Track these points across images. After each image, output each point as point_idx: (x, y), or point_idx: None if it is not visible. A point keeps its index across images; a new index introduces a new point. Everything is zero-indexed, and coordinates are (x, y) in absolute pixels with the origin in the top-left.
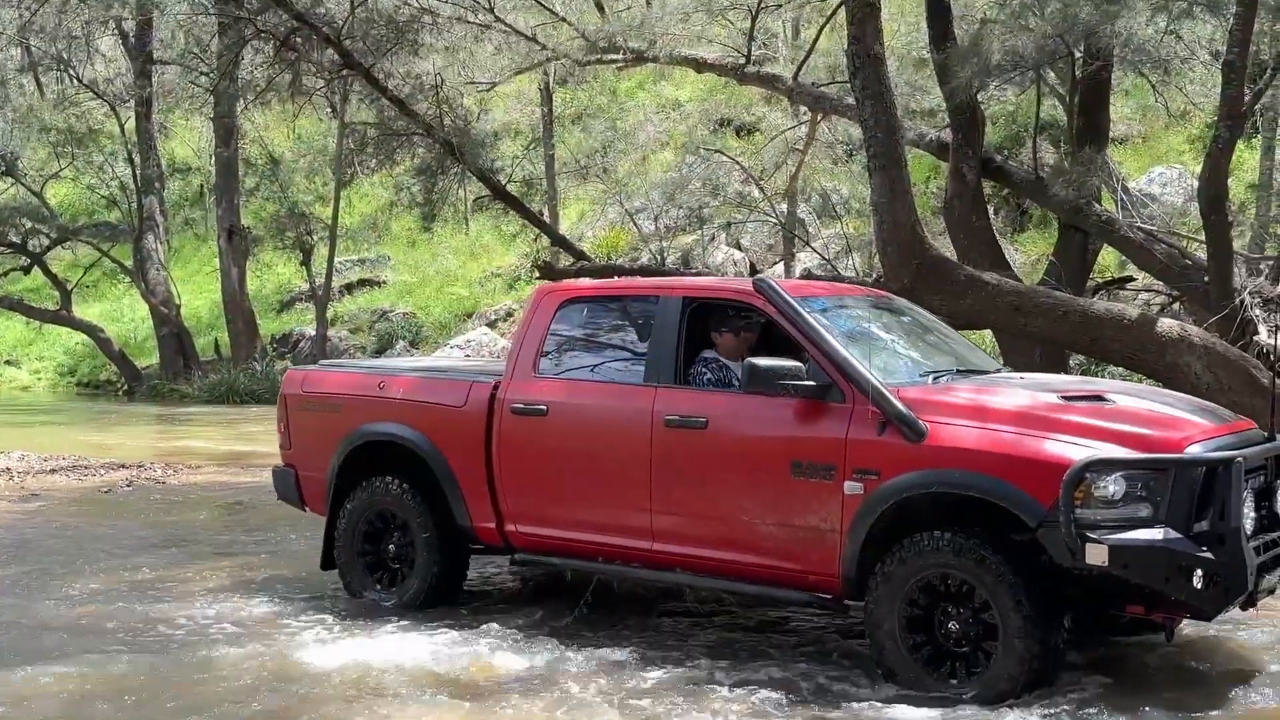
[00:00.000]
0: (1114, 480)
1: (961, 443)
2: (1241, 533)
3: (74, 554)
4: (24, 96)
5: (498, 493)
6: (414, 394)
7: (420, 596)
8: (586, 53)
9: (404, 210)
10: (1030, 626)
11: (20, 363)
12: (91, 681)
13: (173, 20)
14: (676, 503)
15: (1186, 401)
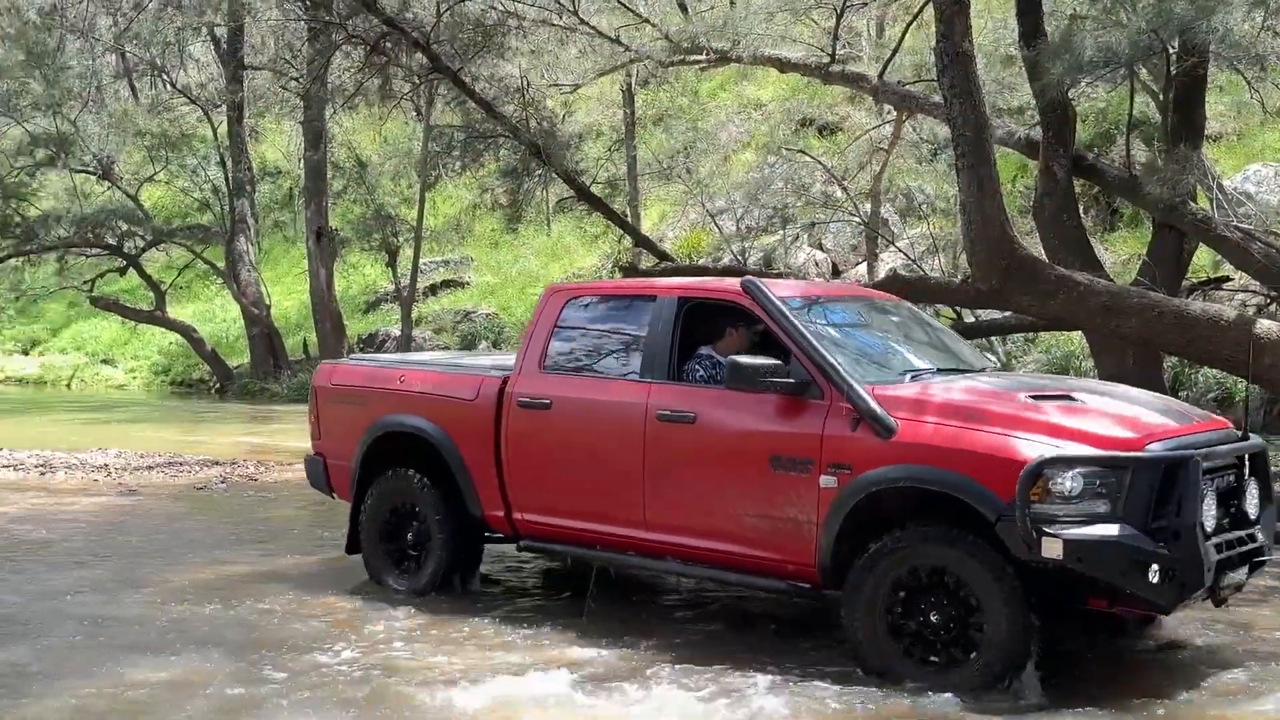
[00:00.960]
0: (1071, 477)
1: (928, 439)
2: (1198, 529)
3: (170, 549)
4: (120, 102)
5: (506, 482)
6: (430, 388)
7: (434, 582)
8: (669, 54)
9: (487, 212)
10: (1012, 618)
11: (116, 362)
12: (186, 678)
13: (264, 26)
14: (667, 493)
15: (1158, 401)
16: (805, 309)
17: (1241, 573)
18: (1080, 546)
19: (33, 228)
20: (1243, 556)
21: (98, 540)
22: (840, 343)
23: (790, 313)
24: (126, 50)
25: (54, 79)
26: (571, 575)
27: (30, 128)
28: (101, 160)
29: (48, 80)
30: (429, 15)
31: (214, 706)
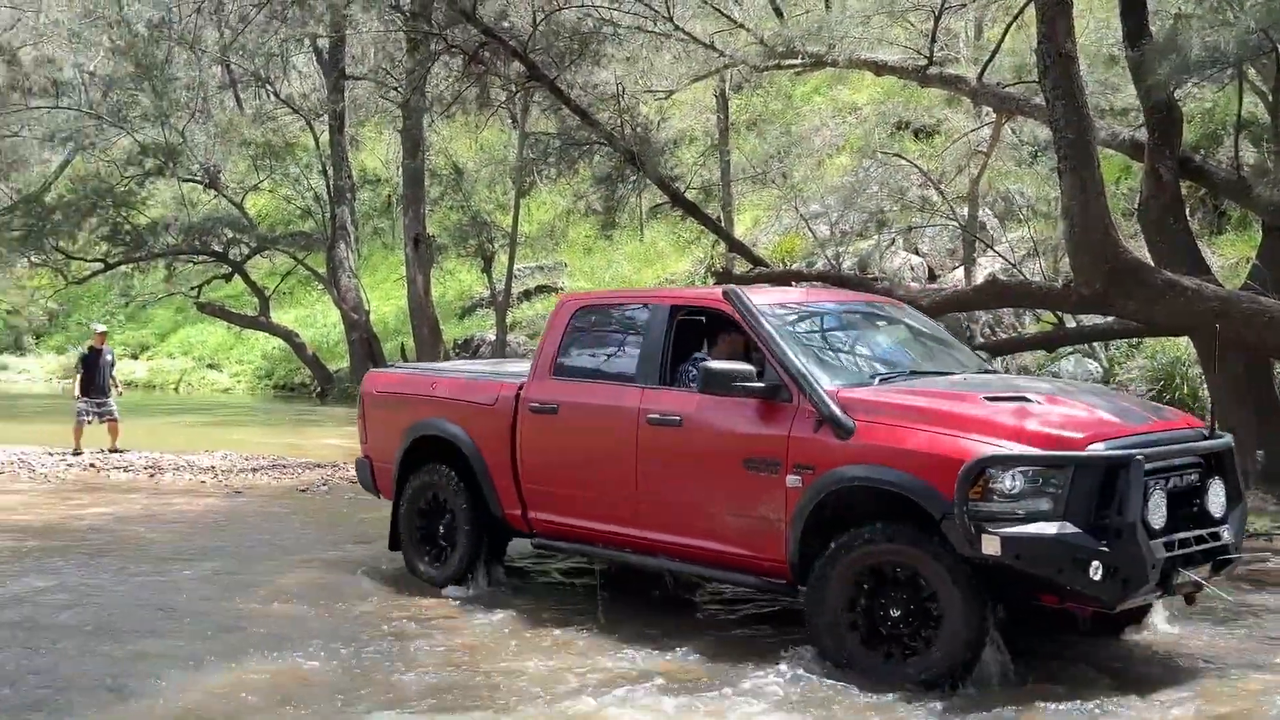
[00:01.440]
0: (1011, 476)
1: (881, 440)
2: (1139, 527)
3: (275, 550)
4: (225, 112)
5: (521, 482)
6: (456, 394)
7: (460, 573)
8: (764, 58)
9: (581, 218)
10: (969, 612)
11: (221, 366)
12: (295, 677)
13: (365, 37)
14: (657, 493)
15: (1120, 402)
16: (786, 316)
17: (1203, 570)
18: (1018, 543)
19: (142, 235)
20: (1205, 555)
21: (206, 541)
22: (815, 348)
23: (765, 320)
24: (232, 62)
25: (162, 90)
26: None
27: (140, 138)
28: (208, 169)
29: (156, 92)
30: (526, 24)
31: (321, 708)
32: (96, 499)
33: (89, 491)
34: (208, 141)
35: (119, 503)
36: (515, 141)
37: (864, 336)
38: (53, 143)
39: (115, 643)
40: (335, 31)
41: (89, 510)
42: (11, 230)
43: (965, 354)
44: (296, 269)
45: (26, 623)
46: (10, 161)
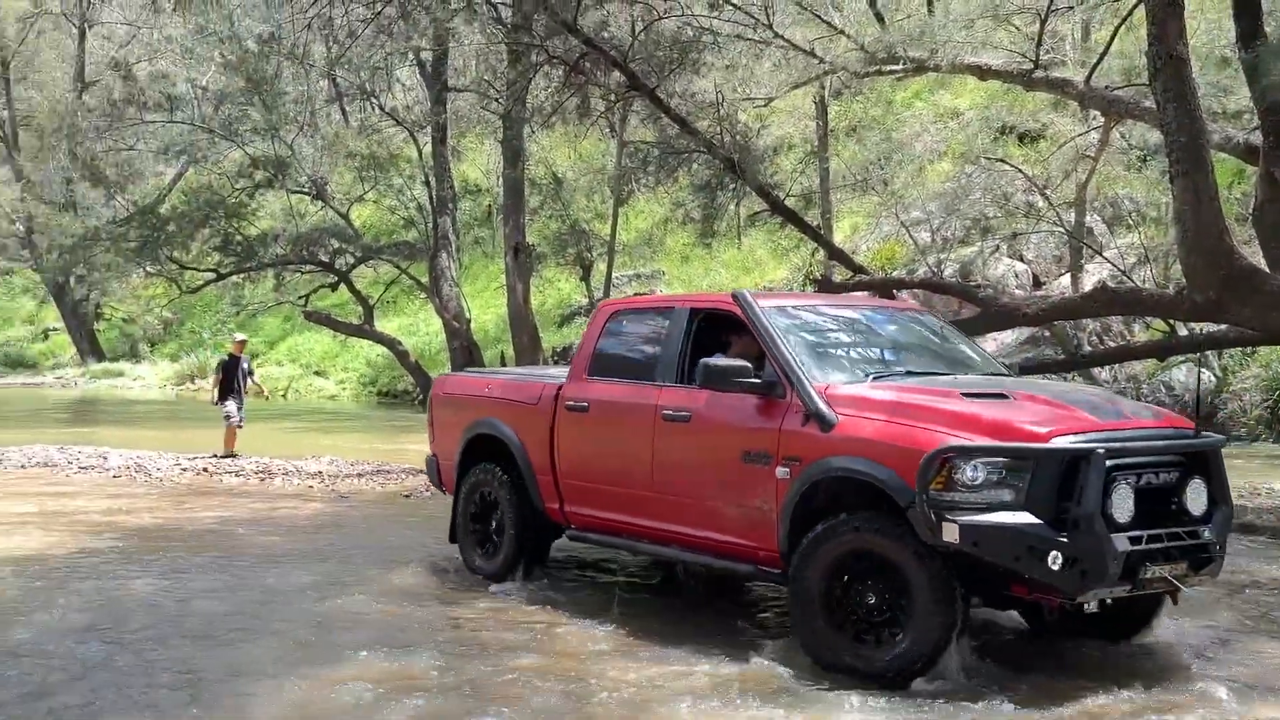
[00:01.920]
0: (973, 466)
1: (859, 433)
2: (1097, 519)
3: (380, 554)
4: (332, 125)
5: (558, 477)
6: (505, 394)
7: (507, 565)
8: (865, 64)
9: (679, 226)
10: (934, 600)
11: (327, 373)
12: (401, 679)
13: (467, 50)
14: (670, 486)
15: (1101, 401)
16: (791, 317)
17: (1180, 568)
18: (975, 531)
19: (252, 246)
20: (1182, 551)
21: (313, 544)
22: (815, 347)
23: (768, 320)
24: (338, 76)
25: (272, 104)
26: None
27: (250, 151)
28: (315, 181)
29: (266, 106)
30: (626, 34)
31: (428, 710)
32: (208, 503)
33: (201, 495)
34: (315, 154)
35: (230, 506)
36: (614, 150)
37: (869, 338)
38: (167, 156)
39: (225, 643)
40: (438, 45)
41: (201, 514)
42: (128, 241)
43: (980, 360)
44: (400, 278)
45: (137, 623)
46: (127, 175)
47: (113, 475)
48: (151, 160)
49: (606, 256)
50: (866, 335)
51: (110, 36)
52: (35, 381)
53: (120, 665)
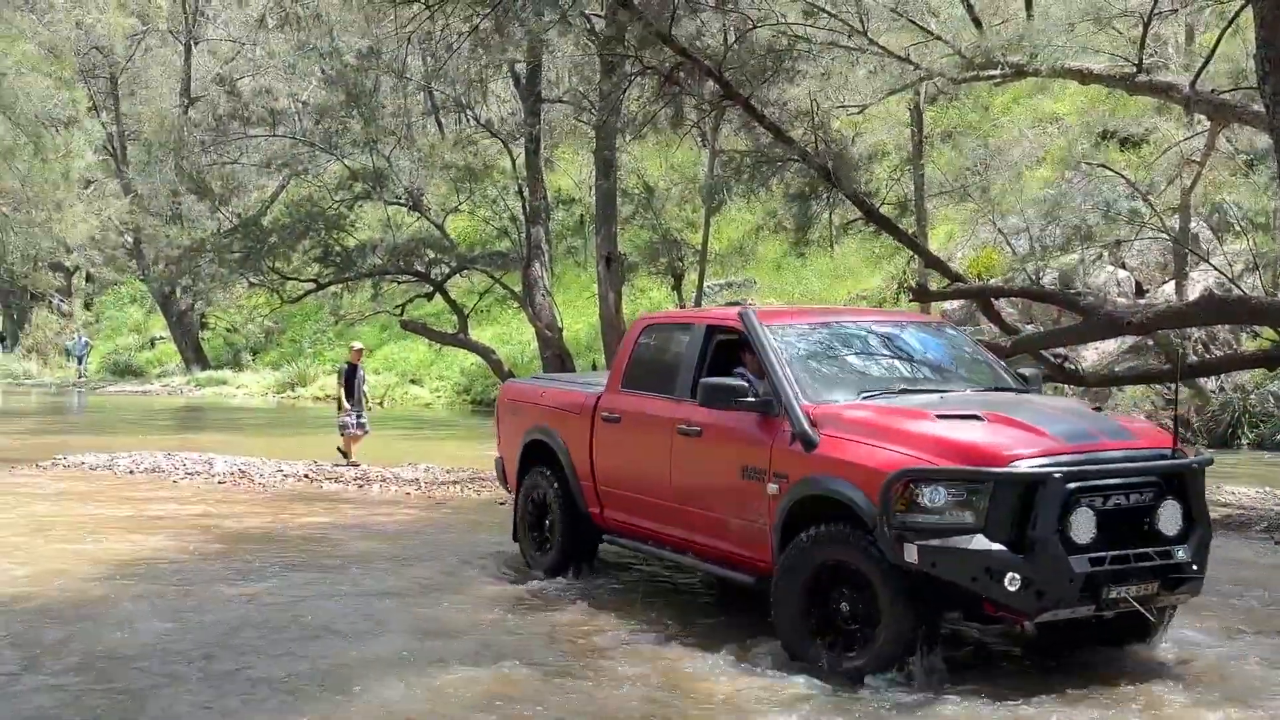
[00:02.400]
0: (933, 489)
1: (836, 453)
2: (1052, 542)
3: (476, 562)
4: (428, 138)
5: (596, 484)
6: (555, 403)
7: (558, 564)
8: (962, 70)
9: (771, 235)
10: (899, 613)
11: (423, 381)
12: (498, 689)
13: (561, 62)
14: (685, 497)
15: (1078, 422)
16: (793, 334)
17: (1148, 588)
18: (933, 553)
19: (351, 256)
20: (1153, 572)
21: (411, 550)
22: (815, 365)
23: (767, 339)
24: (435, 89)
25: (370, 118)
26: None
27: (349, 163)
28: (412, 192)
29: (365, 119)
30: (719, 44)
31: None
32: (310, 508)
33: (302, 501)
34: (412, 166)
35: (330, 512)
36: (706, 160)
37: (877, 355)
38: (269, 169)
39: (324, 646)
40: (533, 57)
41: (303, 519)
42: (232, 252)
43: (992, 375)
44: (493, 288)
45: (241, 625)
46: (231, 187)
47: (218, 481)
48: (254, 173)
49: (698, 265)
50: (875, 352)
51: (215, 53)
52: (143, 389)
53: (220, 670)
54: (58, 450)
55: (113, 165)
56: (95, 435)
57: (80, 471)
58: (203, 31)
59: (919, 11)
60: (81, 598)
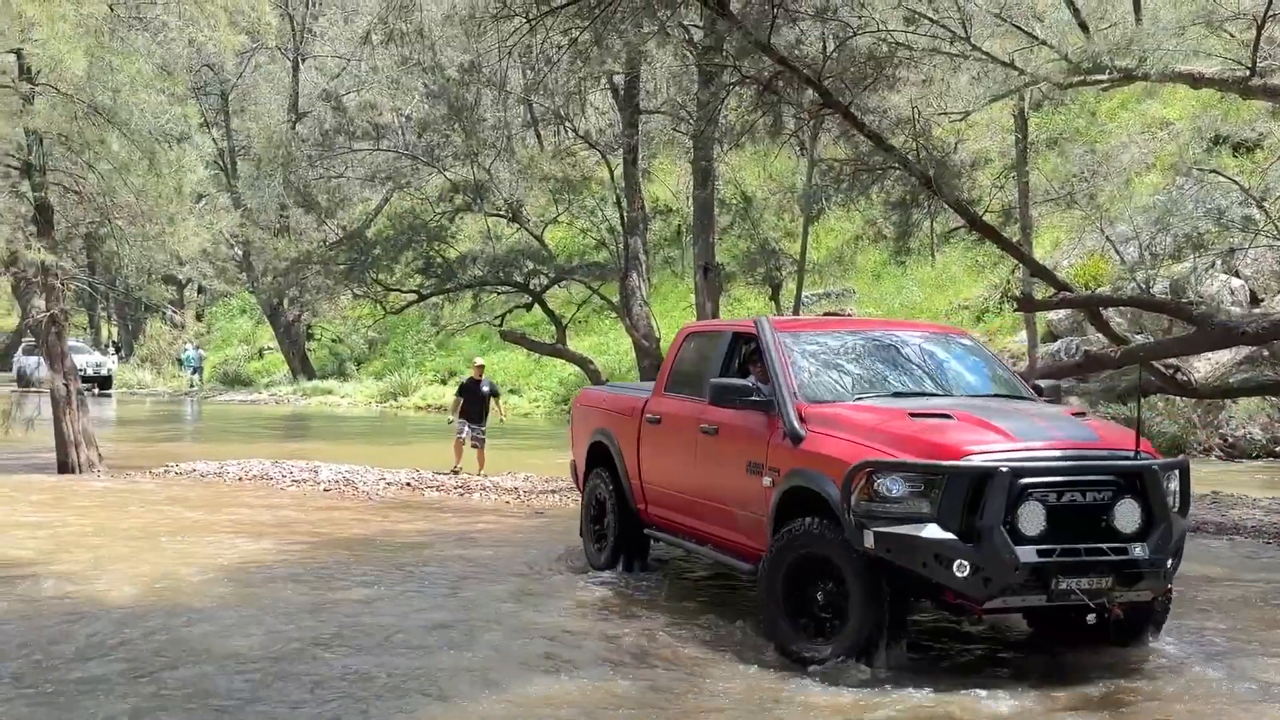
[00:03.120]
0: (891, 480)
1: (817, 448)
2: (997, 531)
3: (573, 570)
4: (527, 149)
5: (641, 482)
6: (612, 407)
7: (609, 560)
8: (1068, 75)
9: (870, 243)
10: (865, 599)
11: (521, 391)
12: (593, 697)
13: (659, 73)
14: (704, 491)
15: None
16: (808, 341)
17: (1102, 582)
18: (888, 539)
19: (452, 268)
20: (1109, 567)
21: (509, 559)
22: (817, 369)
23: (775, 343)
24: (534, 101)
25: (471, 130)
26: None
27: (450, 176)
28: (511, 204)
29: (466, 132)
30: (818, 52)
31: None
32: (411, 516)
33: (405, 509)
34: (511, 178)
35: (431, 520)
36: (804, 168)
37: (876, 360)
38: (373, 182)
39: (423, 652)
40: (631, 68)
41: (403, 526)
42: (337, 264)
43: (993, 382)
44: (591, 298)
45: (341, 630)
46: (336, 201)
47: (323, 489)
48: (359, 186)
49: (796, 275)
50: (883, 359)
51: (322, 69)
52: (251, 398)
53: (319, 674)
54: (170, 458)
55: (223, 180)
56: (206, 443)
57: (192, 479)
58: (310, 48)
59: (1023, 16)
60: (189, 603)
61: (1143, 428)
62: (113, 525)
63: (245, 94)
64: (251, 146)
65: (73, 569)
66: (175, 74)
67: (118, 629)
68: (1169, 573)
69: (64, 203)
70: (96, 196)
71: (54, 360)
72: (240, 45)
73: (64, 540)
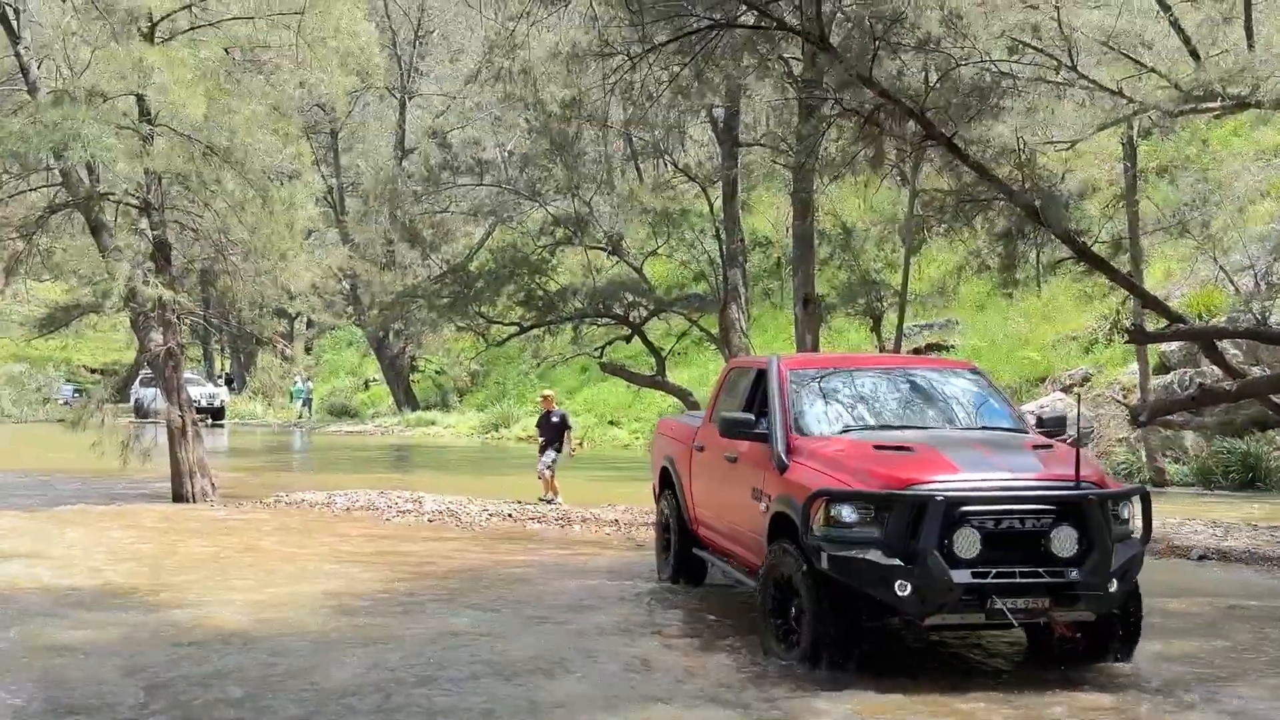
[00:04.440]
0: (844, 507)
1: (795, 477)
2: (932, 555)
3: (676, 599)
4: (627, 183)
5: (693, 502)
6: (674, 435)
7: (672, 575)
8: (1178, 103)
9: (973, 274)
10: (818, 613)
11: (621, 423)
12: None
13: (758, 106)
14: (728, 514)
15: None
16: (813, 378)
17: (1038, 602)
18: (839, 562)
19: (553, 300)
20: (1046, 589)
21: (612, 590)
22: (817, 405)
23: (778, 380)
24: (634, 135)
25: (572, 165)
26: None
27: (551, 210)
28: (611, 237)
29: (567, 166)
30: (920, 83)
31: None
32: (514, 548)
33: (507, 540)
34: (611, 211)
35: (533, 551)
36: (905, 199)
37: (871, 395)
38: (476, 217)
39: (530, 683)
40: (731, 102)
41: (506, 558)
42: (441, 298)
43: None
44: (691, 330)
45: (449, 661)
46: (440, 235)
47: (428, 519)
48: (462, 221)
49: (897, 306)
50: (881, 395)
51: (427, 107)
52: (357, 429)
53: (430, 705)
54: (280, 488)
55: (332, 216)
56: (315, 473)
57: (300, 508)
58: (416, 87)
59: (1131, 43)
60: (298, 632)
61: (1260, 462)
62: (224, 554)
63: (354, 132)
64: (360, 183)
65: (186, 597)
66: (288, 114)
67: (230, 656)
68: (1111, 596)
69: (181, 240)
70: (212, 234)
71: (170, 392)
72: (350, 86)
73: (177, 568)
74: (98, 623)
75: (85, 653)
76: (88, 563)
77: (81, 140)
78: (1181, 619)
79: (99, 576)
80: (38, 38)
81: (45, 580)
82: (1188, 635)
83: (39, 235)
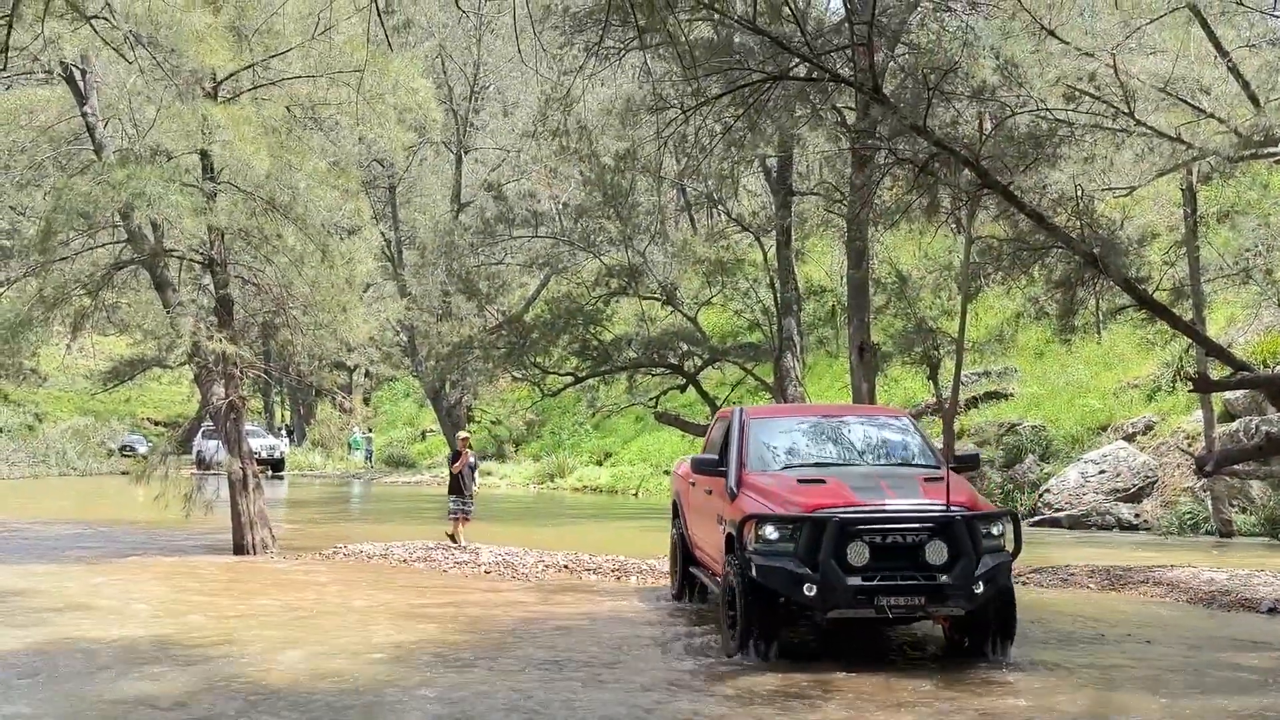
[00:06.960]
0: (769, 528)
1: (738, 504)
2: (828, 563)
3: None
4: (680, 232)
5: (689, 529)
6: (680, 472)
7: (677, 592)
8: (1238, 148)
9: (1031, 321)
10: (744, 611)
11: None
12: None
13: (811, 155)
14: (708, 536)
15: (883, 485)
16: (772, 425)
17: (916, 600)
18: (763, 570)
19: (607, 350)
20: (920, 590)
21: (670, 642)
22: (769, 446)
23: (738, 427)
24: (687, 186)
25: (626, 216)
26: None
27: (606, 260)
28: (665, 287)
29: (621, 218)
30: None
31: None
32: (570, 599)
33: (563, 591)
34: (665, 261)
35: (589, 603)
36: (960, 247)
37: (815, 439)
38: (531, 268)
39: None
40: (784, 152)
41: (563, 610)
42: (497, 349)
43: (909, 455)
44: (745, 379)
45: (510, 714)
46: (496, 286)
47: (484, 570)
48: (517, 272)
49: (954, 354)
50: (825, 438)
51: (483, 160)
52: (414, 480)
53: None
54: (339, 539)
55: (390, 268)
56: (372, 523)
57: (358, 560)
58: (472, 141)
59: (1189, 89)
60: (358, 685)
61: None
62: (285, 606)
63: (411, 186)
64: (417, 236)
65: (246, 649)
66: (347, 170)
67: (291, 710)
68: (977, 595)
69: (243, 294)
70: (273, 288)
71: (232, 445)
72: (409, 141)
73: (238, 621)
74: (163, 676)
75: (151, 705)
76: (150, 615)
77: (147, 198)
78: (1251, 672)
79: (160, 628)
80: (103, 98)
81: (110, 633)
82: (1264, 691)
83: (104, 291)
